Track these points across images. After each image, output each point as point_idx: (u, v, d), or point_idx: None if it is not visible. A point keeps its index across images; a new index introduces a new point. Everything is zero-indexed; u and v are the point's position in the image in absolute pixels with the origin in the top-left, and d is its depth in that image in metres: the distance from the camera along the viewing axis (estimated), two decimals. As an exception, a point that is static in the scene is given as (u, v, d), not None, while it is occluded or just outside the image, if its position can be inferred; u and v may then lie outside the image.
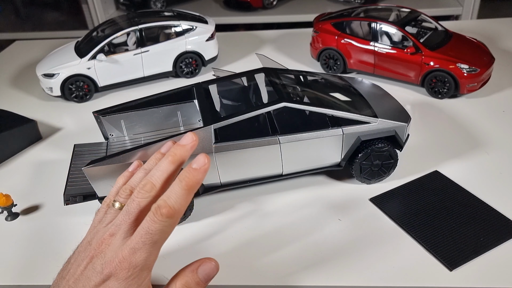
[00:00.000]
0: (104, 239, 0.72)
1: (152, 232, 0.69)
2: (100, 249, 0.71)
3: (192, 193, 0.72)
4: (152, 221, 0.69)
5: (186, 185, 0.70)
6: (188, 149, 0.76)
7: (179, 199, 0.70)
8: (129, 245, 0.69)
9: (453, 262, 1.05)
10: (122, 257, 0.69)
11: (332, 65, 1.99)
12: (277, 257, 1.10)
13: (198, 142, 0.78)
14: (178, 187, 0.70)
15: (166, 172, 0.74)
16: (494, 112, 1.65)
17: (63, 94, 1.88)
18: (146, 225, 0.69)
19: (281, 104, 1.20)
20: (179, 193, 0.70)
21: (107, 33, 1.93)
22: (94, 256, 0.71)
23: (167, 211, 0.68)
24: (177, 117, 1.45)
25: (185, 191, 0.70)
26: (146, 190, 0.73)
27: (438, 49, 1.75)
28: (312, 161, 1.27)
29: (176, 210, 0.69)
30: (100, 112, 1.37)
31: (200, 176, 0.72)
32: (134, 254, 0.68)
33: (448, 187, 1.28)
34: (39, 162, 1.53)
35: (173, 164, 0.75)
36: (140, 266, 0.69)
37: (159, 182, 0.74)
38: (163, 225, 0.69)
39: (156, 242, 0.70)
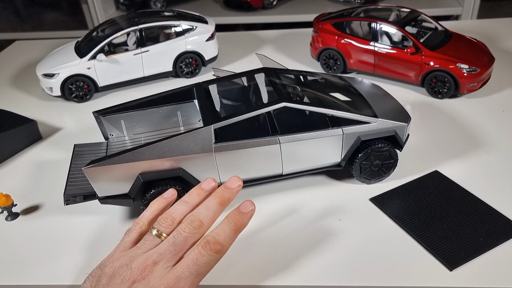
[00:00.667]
0: (147, 266, 0.74)
1: (200, 264, 0.74)
2: (142, 275, 0.73)
3: (237, 234, 0.80)
4: (200, 254, 0.74)
5: (234, 226, 0.79)
6: (234, 192, 0.86)
7: (227, 238, 0.77)
8: (176, 273, 0.73)
9: (453, 262, 1.05)
10: (167, 284, 0.72)
11: (332, 65, 1.99)
12: (277, 257, 1.10)
13: (242, 186, 0.87)
14: (228, 226, 0.79)
15: (213, 213, 0.81)
16: (494, 112, 1.65)
17: (63, 94, 1.88)
18: (194, 257, 0.74)
19: (281, 104, 1.20)
20: (228, 232, 0.78)
21: (107, 33, 1.93)
22: (136, 281, 0.73)
23: (216, 247, 0.75)
24: (177, 117, 1.45)
25: (232, 231, 0.78)
26: (194, 226, 0.78)
27: (438, 49, 1.75)
28: (312, 161, 1.27)
29: (223, 247, 0.76)
30: (100, 112, 1.37)
31: (246, 220, 0.82)
32: (179, 282, 0.72)
33: (448, 187, 1.28)
34: (39, 162, 1.53)
35: (220, 206, 0.83)
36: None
37: (207, 221, 0.80)
38: (210, 259, 0.75)
39: (200, 273, 0.74)
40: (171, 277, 0.72)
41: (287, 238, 1.16)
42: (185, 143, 1.16)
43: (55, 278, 1.08)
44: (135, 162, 1.13)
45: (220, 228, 0.79)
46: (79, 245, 1.18)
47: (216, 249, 0.75)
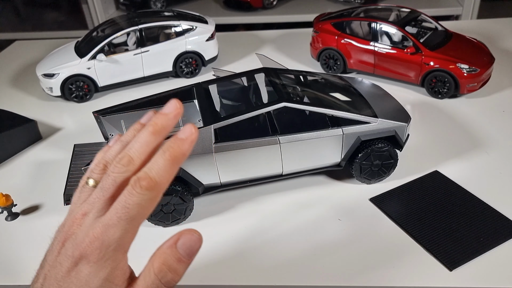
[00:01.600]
0: (76, 219, 0.64)
1: (129, 206, 0.61)
2: (71, 231, 0.63)
3: (176, 165, 0.63)
4: (129, 194, 0.61)
5: (170, 156, 0.62)
6: (171, 117, 0.66)
7: (161, 171, 0.62)
8: (102, 221, 0.61)
9: (453, 262, 1.05)
10: (93, 235, 0.61)
11: (332, 65, 1.99)
12: (277, 257, 1.10)
13: (183, 110, 0.68)
14: (161, 158, 0.63)
15: (146, 144, 0.65)
16: (494, 112, 1.65)
17: (63, 94, 1.88)
18: (122, 199, 0.61)
19: (281, 104, 1.20)
20: (162, 164, 0.62)
21: (107, 33, 1.93)
22: (66, 239, 0.63)
23: (147, 182, 0.61)
24: (177, 117, 1.44)
25: (168, 163, 0.62)
26: (122, 164, 0.64)
27: (438, 49, 1.75)
28: (312, 161, 1.27)
29: (157, 182, 0.61)
30: (100, 112, 1.37)
31: (186, 147, 0.64)
32: (107, 232, 0.60)
33: (448, 187, 1.28)
34: (39, 162, 1.53)
35: (154, 135, 0.66)
36: (114, 245, 0.61)
37: (137, 154, 0.65)
38: (142, 198, 0.61)
39: (133, 218, 0.61)
40: (97, 227, 0.61)
41: (287, 238, 1.16)
42: (185, 143, 1.15)
43: (55, 278, 1.08)
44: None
45: (153, 161, 0.63)
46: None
47: (147, 185, 0.60)
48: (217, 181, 1.23)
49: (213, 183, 1.23)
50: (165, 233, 1.20)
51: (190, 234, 0.63)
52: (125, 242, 0.62)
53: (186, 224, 1.22)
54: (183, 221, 1.23)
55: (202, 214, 1.25)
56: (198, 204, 1.28)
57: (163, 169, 0.62)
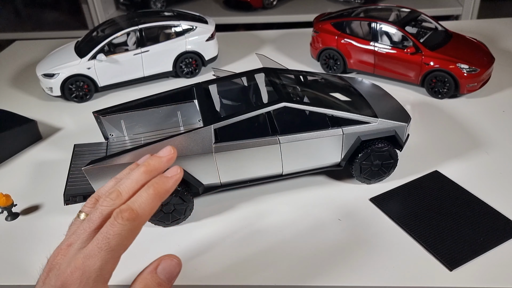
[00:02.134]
0: (61, 250, 0.66)
1: (110, 236, 0.63)
2: (55, 261, 0.65)
3: (159, 200, 0.68)
4: (111, 225, 0.64)
5: (153, 191, 0.67)
6: (164, 161, 0.72)
7: (144, 204, 0.66)
8: (84, 252, 0.63)
9: (453, 262, 1.05)
10: (74, 266, 0.62)
11: (332, 65, 1.99)
12: (277, 257, 1.10)
13: (176, 155, 0.74)
14: (145, 192, 0.67)
15: (136, 181, 0.69)
16: (494, 112, 1.65)
17: (63, 94, 1.88)
18: (104, 230, 0.64)
19: (281, 104, 1.20)
20: (145, 198, 0.66)
21: (107, 33, 1.93)
22: (51, 269, 0.65)
23: (129, 214, 0.64)
24: (177, 117, 1.45)
25: (151, 197, 0.66)
26: (111, 198, 0.67)
27: (438, 49, 1.75)
28: (312, 161, 1.27)
29: (138, 214, 0.65)
30: (100, 112, 1.37)
31: (170, 184, 0.69)
32: (87, 262, 0.62)
33: (448, 187, 1.28)
34: (39, 162, 1.53)
35: (145, 174, 0.70)
36: (94, 275, 0.62)
37: (126, 190, 0.68)
38: (122, 229, 0.63)
39: (113, 249, 0.63)
40: (79, 258, 0.62)
41: (287, 238, 1.16)
42: (185, 143, 1.16)
43: (55, 278, 1.08)
44: (135, 162, 1.12)
45: (137, 195, 0.67)
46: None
47: (128, 216, 0.63)
48: (217, 181, 1.23)
49: (213, 183, 1.23)
50: (165, 233, 1.20)
51: (170, 259, 0.67)
52: (105, 272, 0.63)
53: (186, 224, 1.22)
54: (183, 221, 1.22)
55: (202, 214, 1.25)
56: (198, 204, 1.28)
57: (145, 202, 0.65)
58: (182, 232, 1.20)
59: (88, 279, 0.61)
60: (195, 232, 1.20)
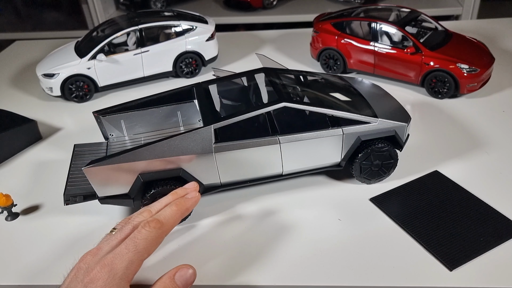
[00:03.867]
0: (91, 252, 0.76)
1: (137, 240, 0.73)
2: (85, 261, 0.74)
3: (180, 216, 0.85)
4: (138, 231, 0.75)
5: (176, 207, 0.84)
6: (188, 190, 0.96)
7: (168, 217, 0.80)
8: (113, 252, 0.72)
9: (453, 262, 1.05)
10: (103, 263, 0.70)
11: (332, 65, 1.99)
12: (277, 257, 1.10)
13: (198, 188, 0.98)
14: (169, 208, 0.84)
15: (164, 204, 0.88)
16: (494, 112, 1.65)
17: (63, 94, 1.88)
18: (132, 235, 0.75)
19: (281, 104, 1.20)
20: (169, 212, 0.82)
21: (107, 33, 1.93)
22: (79, 268, 0.73)
23: (155, 223, 0.76)
24: (177, 117, 1.45)
25: (174, 212, 0.83)
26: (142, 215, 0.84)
27: (438, 49, 1.75)
28: (312, 161, 1.27)
29: (163, 223, 0.78)
30: (100, 112, 1.37)
31: (189, 203, 0.89)
32: (114, 260, 0.70)
33: (448, 187, 1.28)
34: (39, 162, 1.53)
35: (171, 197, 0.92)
36: (120, 274, 0.70)
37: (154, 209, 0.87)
38: (148, 235, 0.74)
39: (139, 251, 0.73)
40: (108, 257, 0.72)
41: (287, 238, 1.16)
42: (185, 143, 1.16)
43: (55, 278, 1.08)
44: (135, 162, 1.13)
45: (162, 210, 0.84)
46: (79, 245, 1.18)
47: (154, 225, 0.77)
48: (217, 181, 1.23)
49: (213, 183, 1.23)
50: (165, 233, 1.20)
51: (187, 268, 0.79)
52: (130, 272, 0.71)
53: (186, 224, 1.22)
54: (183, 221, 1.22)
55: (202, 214, 1.25)
56: (198, 204, 1.28)
57: (169, 215, 0.82)
58: (182, 232, 1.20)
59: (115, 275, 0.69)
60: (195, 232, 1.20)
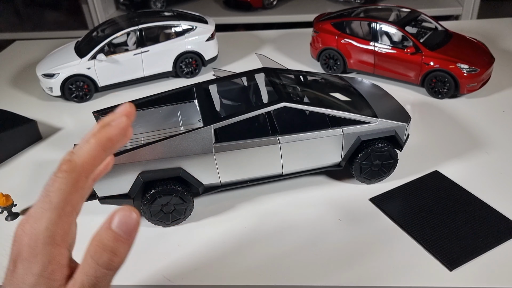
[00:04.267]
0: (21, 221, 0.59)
1: (51, 193, 0.58)
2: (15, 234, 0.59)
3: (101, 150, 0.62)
4: (51, 181, 0.58)
5: (94, 140, 0.61)
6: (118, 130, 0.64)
7: (84, 154, 0.60)
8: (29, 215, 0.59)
9: (453, 262, 1.05)
10: (21, 232, 0.58)
11: (332, 65, 1.99)
12: (277, 257, 1.10)
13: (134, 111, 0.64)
14: (86, 143, 0.62)
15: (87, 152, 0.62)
16: (494, 112, 1.65)
17: (63, 94, 1.88)
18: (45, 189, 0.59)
19: (281, 104, 1.20)
20: (86, 148, 0.61)
21: (107, 33, 1.93)
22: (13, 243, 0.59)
23: (66, 165, 0.59)
24: (177, 117, 1.45)
25: (91, 146, 0.61)
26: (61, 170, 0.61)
27: (438, 49, 1.75)
28: (312, 161, 1.27)
29: (76, 163, 0.59)
30: (100, 112, 1.37)
31: (113, 132, 0.62)
32: (33, 225, 0.57)
33: (448, 187, 1.28)
34: (39, 162, 1.53)
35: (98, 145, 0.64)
36: (42, 238, 0.57)
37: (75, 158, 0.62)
38: (61, 182, 0.58)
39: (56, 206, 0.58)
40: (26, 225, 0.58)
41: (287, 238, 1.16)
42: (185, 143, 1.16)
43: (55, 278, 1.08)
44: (135, 162, 1.13)
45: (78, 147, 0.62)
46: (79, 245, 1.17)
47: (66, 168, 0.58)
48: (217, 181, 1.23)
49: (213, 183, 1.23)
50: (165, 233, 1.20)
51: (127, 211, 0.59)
52: (56, 233, 0.58)
53: (186, 224, 1.22)
54: (183, 221, 1.22)
55: (202, 214, 1.25)
56: (198, 204, 1.28)
57: (85, 152, 0.60)
58: (182, 232, 1.20)
59: (36, 242, 0.57)
60: (195, 232, 1.20)
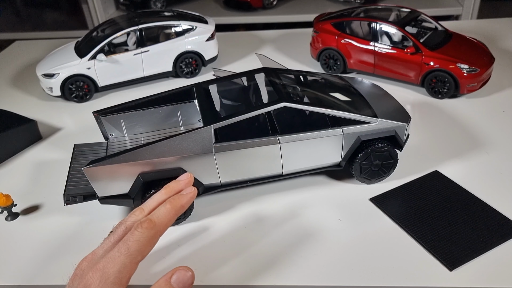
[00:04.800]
0: (86, 258, 0.74)
1: (129, 243, 0.70)
2: (80, 267, 0.72)
3: (175, 214, 0.78)
4: (131, 233, 0.71)
5: (170, 205, 0.78)
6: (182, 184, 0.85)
7: (161, 216, 0.75)
8: (105, 257, 0.69)
9: (453, 262, 1.05)
10: (96, 268, 0.68)
11: (332, 65, 1.99)
12: (277, 257, 1.10)
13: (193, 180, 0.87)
14: (163, 207, 0.77)
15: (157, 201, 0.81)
16: (494, 112, 1.65)
17: (63, 94, 1.88)
18: (125, 238, 0.71)
19: (281, 104, 1.20)
20: (162, 211, 0.76)
21: (107, 33, 1.93)
22: (75, 275, 0.71)
23: (147, 223, 0.72)
24: (177, 117, 1.45)
25: (167, 210, 0.77)
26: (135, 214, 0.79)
27: (438, 49, 1.75)
28: (312, 161, 1.27)
29: (156, 223, 0.74)
30: (100, 112, 1.37)
31: (185, 200, 0.80)
32: (107, 265, 0.68)
33: (448, 187, 1.28)
34: (39, 162, 1.53)
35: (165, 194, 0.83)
36: (112, 278, 0.67)
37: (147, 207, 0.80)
38: (141, 236, 0.71)
39: (131, 254, 0.70)
40: (100, 261, 0.70)
41: (287, 238, 1.16)
42: (185, 143, 1.16)
43: (55, 278, 1.09)
44: (135, 162, 1.13)
45: (156, 209, 0.79)
46: (79, 245, 1.18)
47: (147, 225, 0.73)
48: (217, 181, 1.23)
49: (213, 183, 1.23)
50: (166, 233, 1.20)
51: (185, 270, 0.73)
52: (123, 275, 0.68)
53: (186, 224, 1.22)
54: (183, 221, 1.23)
55: (202, 214, 1.25)
56: (198, 204, 1.28)
57: (162, 214, 0.76)
58: (182, 232, 1.20)
59: (107, 280, 0.66)
60: (195, 232, 1.20)
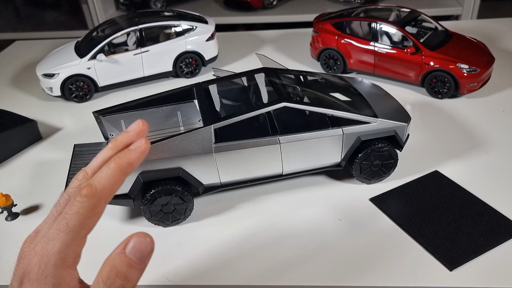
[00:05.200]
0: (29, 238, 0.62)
1: (68, 216, 0.58)
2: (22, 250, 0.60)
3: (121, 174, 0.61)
4: (69, 205, 0.58)
5: (114, 165, 0.61)
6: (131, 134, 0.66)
7: (104, 179, 0.60)
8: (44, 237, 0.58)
9: (453, 262, 1.05)
10: (35, 251, 0.57)
11: (332, 65, 1.99)
12: (277, 257, 1.10)
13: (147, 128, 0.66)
14: (106, 167, 0.61)
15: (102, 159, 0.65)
16: (494, 112, 1.65)
17: (63, 94, 1.88)
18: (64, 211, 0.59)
19: (281, 104, 1.20)
20: (105, 172, 0.61)
21: (107, 33, 1.93)
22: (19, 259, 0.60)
23: (86, 190, 0.58)
24: (177, 117, 1.45)
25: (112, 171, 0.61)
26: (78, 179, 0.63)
27: (438, 49, 1.75)
28: (312, 161, 1.27)
29: (97, 189, 0.59)
30: (100, 112, 1.37)
31: (133, 157, 0.62)
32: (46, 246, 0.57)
33: (448, 187, 1.28)
34: (39, 162, 1.53)
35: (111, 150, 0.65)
36: (53, 260, 0.57)
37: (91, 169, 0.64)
38: (80, 206, 0.58)
39: (72, 229, 0.58)
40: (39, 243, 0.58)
41: (287, 238, 1.16)
42: (185, 143, 1.16)
43: (55, 278, 1.08)
44: None
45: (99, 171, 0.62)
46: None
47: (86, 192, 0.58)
48: (217, 181, 1.23)
49: (213, 183, 1.23)
50: (165, 233, 1.20)
51: (142, 237, 0.59)
52: (67, 255, 0.58)
53: (186, 224, 1.22)
54: (183, 221, 1.22)
55: (202, 214, 1.25)
56: (198, 204, 1.28)
57: (106, 177, 0.60)
58: (182, 232, 1.20)
59: (47, 263, 0.57)
60: (195, 232, 1.20)
